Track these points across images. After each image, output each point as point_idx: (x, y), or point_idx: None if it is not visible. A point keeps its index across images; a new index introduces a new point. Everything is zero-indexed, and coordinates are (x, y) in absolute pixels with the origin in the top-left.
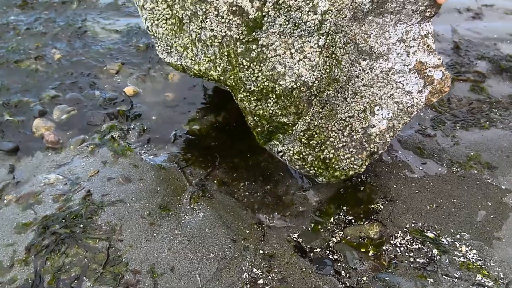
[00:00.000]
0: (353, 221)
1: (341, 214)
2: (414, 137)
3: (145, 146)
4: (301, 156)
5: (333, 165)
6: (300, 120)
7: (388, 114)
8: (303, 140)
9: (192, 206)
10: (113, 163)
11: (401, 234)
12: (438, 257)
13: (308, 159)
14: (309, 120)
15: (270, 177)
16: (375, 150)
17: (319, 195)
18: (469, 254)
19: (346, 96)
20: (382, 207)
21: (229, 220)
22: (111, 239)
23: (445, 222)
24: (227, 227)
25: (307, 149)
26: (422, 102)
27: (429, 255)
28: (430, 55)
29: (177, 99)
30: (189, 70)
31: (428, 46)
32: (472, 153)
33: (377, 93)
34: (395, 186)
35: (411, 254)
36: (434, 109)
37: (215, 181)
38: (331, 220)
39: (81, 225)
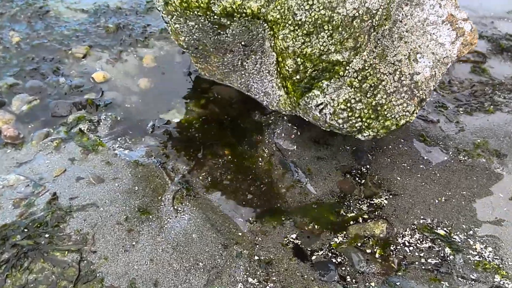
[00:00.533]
0: (356, 218)
1: (342, 211)
2: (416, 123)
3: (118, 139)
4: (348, 105)
5: (385, 113)
6: (357, 57)
7: (429, 62)
8: (354, 83)
9: (175, 207)
10: (82, 160)
11: (409, 232)
12: (451, 256)
13: (357, 107)
14: (365, 57)
15: (262, 171)
16: (424, 97)
17: (317, 190)
18: (485, 252)
19: (393, 39)
20: (386, 202)
21: (219, 222)
22: (83, 250)
23: (455, 217)
24: (217, 231)
25: (358, 95)
26: (454, 54)
27: (441, 255)
28: (456, 10)
29: (154, 85)
30: (217, 4)
31: (455, 1)
32: (479, 140)
33: (416, 41)
34: (399, 179)
35: (422, 254)
36: (435, 92)
37: (200, 177)
38: (331, 218)
39: (47, 235)
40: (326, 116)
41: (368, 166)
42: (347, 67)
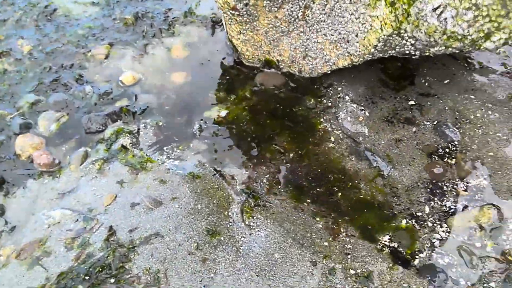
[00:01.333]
0: (453, 207)
1: (436, 200)
2: (501, 82)
3: (165, 149)
4: (473, 1)
5: None
6: None
7: None
8: None
9: (247, 222)
10: (133, 182)
11: None
12: None
13: (484, 3)
14: None
15: (334, 164)
16: None
17: (403, 178)
18: None
19: None
20: (486, 182)
21: (299, 234)
22: None
23: None
24: (300, 245)
25: None
26: None
27: None
28: None
29: (189, 79)
30: None
31: None
32: None
33: None
34: (492, 154)
35: None
36: None
37: (265, 181)
38: (426, 210)
39: (113, 280)
40: (446, 22)
41: (455, 143)
42: None
